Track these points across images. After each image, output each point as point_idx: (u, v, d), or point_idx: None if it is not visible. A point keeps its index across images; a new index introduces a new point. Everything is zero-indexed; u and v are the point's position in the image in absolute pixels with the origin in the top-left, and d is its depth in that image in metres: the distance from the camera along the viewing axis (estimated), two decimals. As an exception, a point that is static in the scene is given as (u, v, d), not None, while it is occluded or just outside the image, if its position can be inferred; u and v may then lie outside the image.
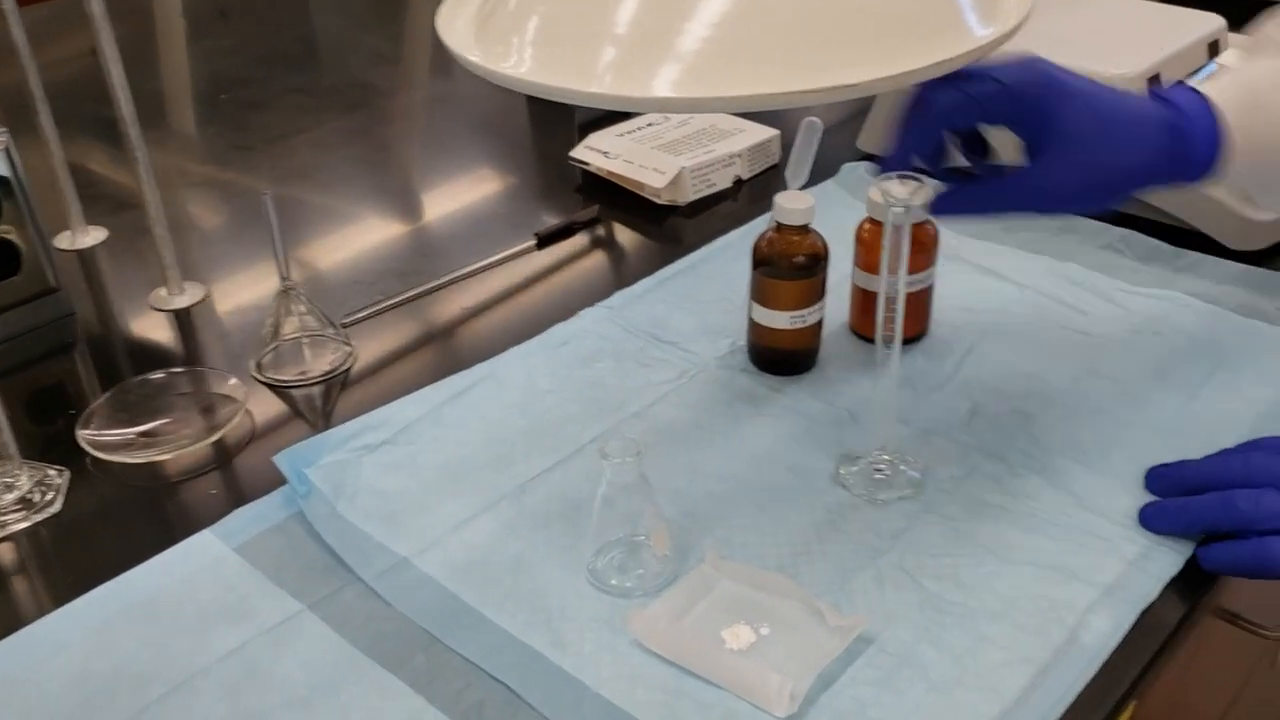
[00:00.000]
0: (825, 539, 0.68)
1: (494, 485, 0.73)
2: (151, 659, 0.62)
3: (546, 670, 0.60)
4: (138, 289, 0.98)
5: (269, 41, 1.60)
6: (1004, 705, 0.57)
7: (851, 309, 0.86)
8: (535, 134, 1.29)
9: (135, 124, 0.89)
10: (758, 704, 0.58)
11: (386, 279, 0.98)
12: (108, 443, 0.78)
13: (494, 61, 0.60)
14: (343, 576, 0.67)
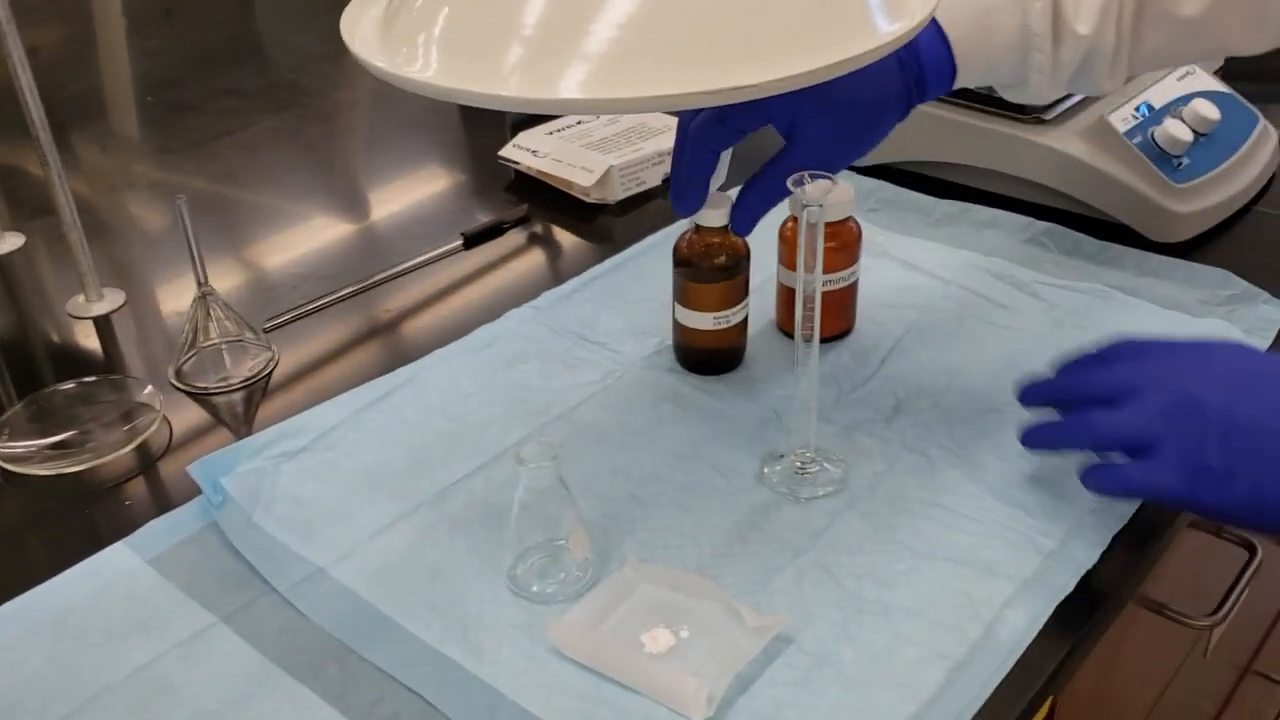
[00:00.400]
0: (747, 539, 0.68)
1: (414, 491, 0.72)
2: (58, 677, 0.61)
3: (462, 680, 0.60)
4: (56, 296, 0.96)
5: (204, 42, 1.58)
6: (920, 703, 0.57)
7: (778, 306, 0.86)
8: (467, 133, 1.28)
9: (46, 128, 0.87)
10: (675, 708, 0.58)
11: (312, 282, 0.97)
12: (20, 454, 0.77)
13: (399, 66, 0.60)
14: (258, 587, 0.66)
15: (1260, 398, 0.62)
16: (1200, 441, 0.62)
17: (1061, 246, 0.94)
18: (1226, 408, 0.62)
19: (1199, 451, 0.62)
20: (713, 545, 0.68)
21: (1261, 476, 0.61)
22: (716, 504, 0.71)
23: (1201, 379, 0.64)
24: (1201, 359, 0.67)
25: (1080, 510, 0.68)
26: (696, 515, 0.70)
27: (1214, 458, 0.61)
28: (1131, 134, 0.94)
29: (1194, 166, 0.94)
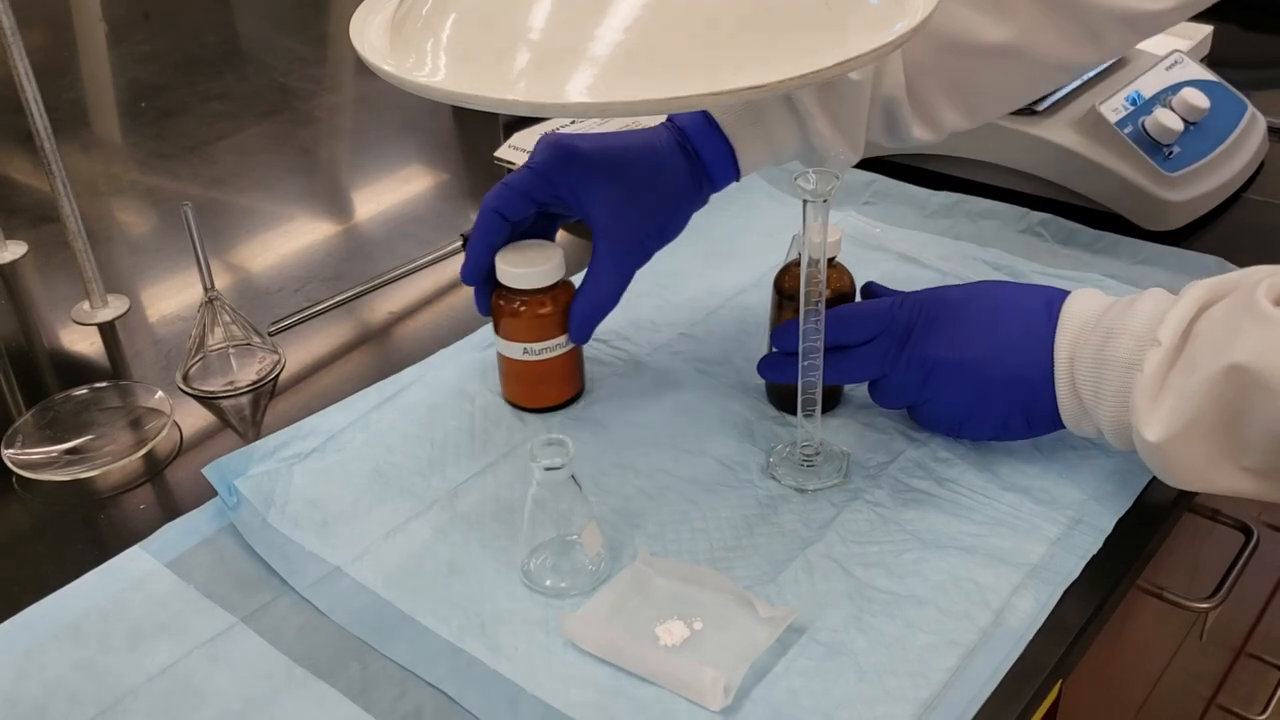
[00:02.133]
0: (756, 531, 0.69)
1: (426, 490, 0.73)
2: (82, 680, 0.62)
3: (482, 674, 0.61)
4: (60, 303, 0.97)
5: (189, 47, 1.58)
6: (933, 689, 0.59)
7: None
8: (460, 134, 1.29)
9: (50, 137, 0.87)
10: (693, 699, 0.59)
11: (313, 284, 0.98)
12: (33, 461, 0.77)
13: (408, 70, 0.60)
14: (276, 588, 0.67)
15: (984, 345, 0.69)
16: (949, 396, 0.71)
17: (1057, 236, 0.95)
18: (961, 362, 0.69)
19: (950, 404, 0.71)
20: (722, 538, 0.69)
21: (1004, 412, 0.69)
22: (724, 497, 0.72)
23: (933, 339, 0.70)
24: (931, 322, 0.71)
25: (1084, 497, 0.69)
26: (705, 509, 0.71)
27: (961, 405, 0.70)
28: (1122, 124, 0.95)
29: (1185, 155, 0.96)
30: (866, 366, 0.72)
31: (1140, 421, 0.62)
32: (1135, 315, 0.64)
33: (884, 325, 0.71)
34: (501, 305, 0.77)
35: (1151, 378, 0.62)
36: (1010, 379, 0.68)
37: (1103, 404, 0.65)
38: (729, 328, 0.87)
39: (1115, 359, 0.64)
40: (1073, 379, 0.66)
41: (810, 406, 0.71)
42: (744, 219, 1.01)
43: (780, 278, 0.76)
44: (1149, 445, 0.62)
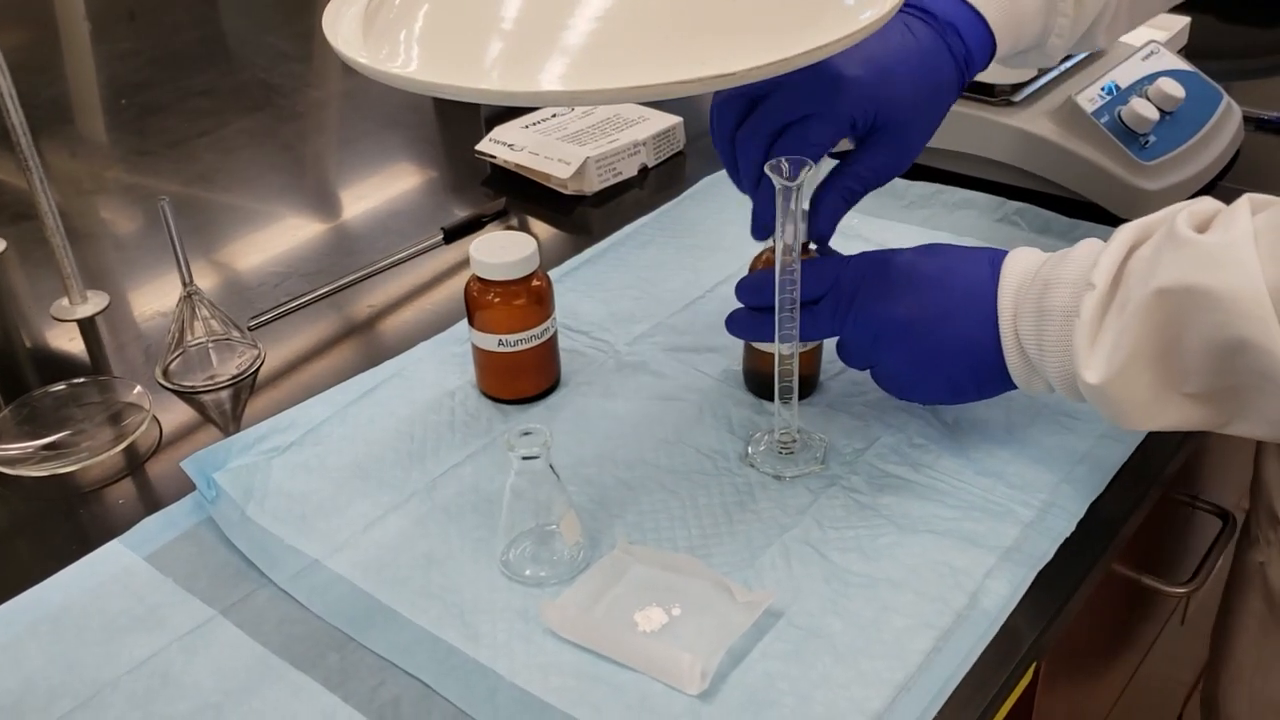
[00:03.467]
0: (734, 518, 0.69)
1: (404, 482, 0.73)
2: (60, 674, 0.62)
3: (461, 663, 0.61)
4: (40, 299, 0.97)
5: (172, 44, 1.58)
6: (909, 671, 0.59)
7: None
8: (442, 128, 1.29)
9: (27, 133, 0.87)
10: (670, 684, 0.59)
11: (294, 279, 0.98)
12: (12, 456, 0.77)
13: (382, 61, 0.61)
14: (255, 580, 0.67)
15: (929, 304, 0.69)
16: (896, 357, 0.71)
17: (1033, 225, 0.96)
18: (909, 322, 0.70)
19: (898, 365, 0.71)
20: (700, 526, 0.69)
21: (953, 372, 0.70)
22: (703, 486, 0.72)
23: (884, 299, 0.70)
24: (878, 279, 0.71)
25: (1057, 480, 0.70)
26: (684, 498, 0.71)
27: (909, 366, 0.71)
28: (1099, 114, 0.95)
29: (1160, 144, 0.96)
30: (817, 325, 0.72)
31: (1081, 365, 0.62)
32: (1069, 264, 0.65)
33: (830, 283, 0.72)
34: (476, 296, 0.77)
35: (1088, 321, 0.62)
36: (956, 337, 0.69)
37: (1047, 356, 0.65)
38: (709, 319, 0.88)
39: (1054, 308, 0.64)
40: (1016, 334, 0.67)
41: (787, 394, 0.72)
42: (725, 211, 1.02)
43: (755, 265, 0.76)
44: (1092, 389, 0.62)
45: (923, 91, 0.74)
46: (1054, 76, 1.02)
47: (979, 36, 0.76)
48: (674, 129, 1.13)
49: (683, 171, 1.12)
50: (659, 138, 1.11)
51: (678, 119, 1.14)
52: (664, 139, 1.12)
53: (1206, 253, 0.58)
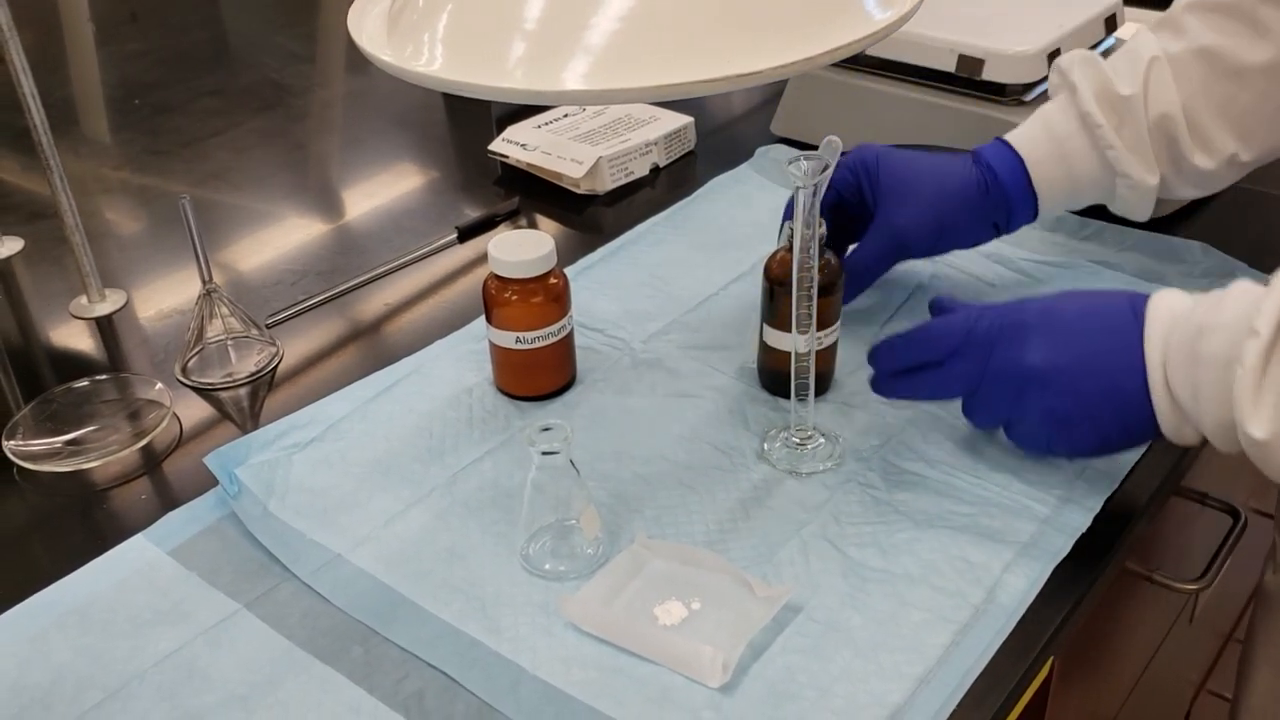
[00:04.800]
0: (751, 514, 0.70)
1: (424, 477, 0.74)
2: (87, 666, 0.63)
3: (483, 656, 0.62)
4: (57, 298, 0.97)
5: (179, 44, 1.59)
6: (927, 664, 0.60)
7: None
8: (453, 128, 1.29)
9: (47, 133, 0.88)
10: (692, 676, 0.60)
11: (309, 278, 0.98)
12: (34, 453, 0.78)
13: (406, 60, 0.61)
14: (278, 574, 0.68)
15: (1074, 354, 0.67)
16: (1041, 409, 0.68)
17: (1044, 223, 0.96)
18: (1054, 373, 0.67)
19: (1044, 418, 0.68)
20: (718, 521, 0.70)
21: (1101, 422, 0.67)
22: (720, 482, 0.73)
23: (1026, 351, 0.68)
24: (1016, 331, 0.69)
25: (1071, 477, 0.71)
26: (701, 493, 0.72)
27: (1055, 418, 0.68)
28: (1108, 113, 0.96)
29: (1170, 144, 0.96)
30: (949, 382, 0.70)
31: (1245, 417, 0.58)
32: (1226, 308, 0.61)
33: (961, 339, 0.69)
34: (494, 294, 0.78)
35: (1252, 370, 0.58)
36: (1102, 386, 0.65)
37: (1204, 406, 0.61)
38: (723, 315, 0.88)
39: (1210, 355, 0.60)
40: (1166, 381, 0.63)
41: (803, 391, 0.72)
42: (736, 209, 1.02)
43: (770, 264, 0.77)
44: (1257, 443, 0.58)
45: (936, 167, 0.82)
46: (1064, 77, 1.02)
47: (1012, 167, 0.82)
48: (685, 129, 1.14)
49: (694, 171, 1.12)
50: (670, 137, 1.12)
51: (689, 119, 1.14)
52: (675, 139, 1.13)
53: None
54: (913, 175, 0.82)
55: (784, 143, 1.12)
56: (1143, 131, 0.80)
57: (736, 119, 1.24)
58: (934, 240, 0.83)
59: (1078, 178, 0.83)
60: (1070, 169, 0.82)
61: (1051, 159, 0.82)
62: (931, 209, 0.81)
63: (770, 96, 1.17)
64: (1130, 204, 0.84)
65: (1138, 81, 0.80)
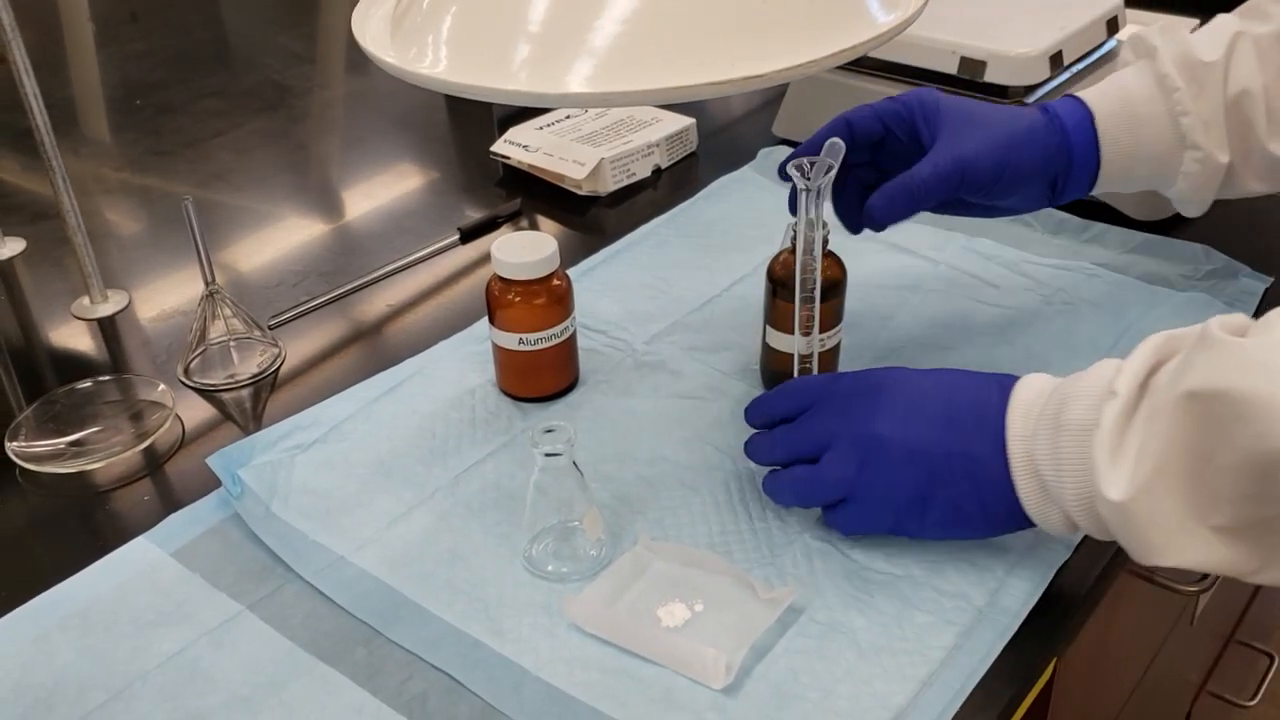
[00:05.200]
0: (754, 516, 0.70)
1: (427, 479, 0.74)
2: (90, 667, 0.63)
3: (487, 657, 0.62)
4: (59, 299, 0.97)
5: (181, 45, 1.59)
6: (930, 667, 0.60)
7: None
8: (454, 129, 1.29)
9: (50, 133, 0.88)
10: (695, 678, 0.60)
11: (311, 279, 0.98)
12: (36, 454, 0.78)
13: (410, 62, 0.61)
14: (281, 576, 0.68)
15: (931, 421, 0.63)
16: (891, 480, 0.63)
17: (1047, 226, 0.96)
18: (905, 441, 0.63)
19: (892, 489, 0.64)
20: (721, 523, 0.70)
21: (956, 497, 0.63)
22: (722, 483, 0.73)
23: (876, 415, 0.64)
24: (872, 392, 0.66)
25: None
26: (704, 495, 0.72)
27: (905, 491, 0.63)
28: (1111, 115, 0.96)
29: (1172, 146, 0.96)
30: (802, 440, 0.67)
31: (1101, 479, 0.56)
32: (1087, 378, 0.59)
33: (815, 397, 0.67)
34: (497, 295, 0.78)
35: (1110, 431, 0.56)
36: (960, 456, 0.62)
37: (1065, 476, 0.58)
38: (725, 317, 0.88)
39: (1072, 423, 0.58)
40: (1031, 455, 0.60)
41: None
42: (739, 211, 1.03)
43: (773, 266, 0.77)
44: (1114, 507, 0.56)
45: (998, 113, 0.76)
46: (1067, 78, 1.02)
47: (1078, 114, 0.78)
48: (687, 130, 1.14)
49: (695, 172, 1.12)
50: (672, 139, 1.12)
51: (691, 120, 1.14)
52: (677, 140, 1.13)
53: (1244, 355, 0.52)
54: (979, 111, 0.77)
55: (785, 144, 1.12)
56: (1219, 105, 0.76)
57: (738, 120, 1.24)
58: (995, 174, 0.75)
59: (1145, 143, 0.78)
60: (1138, 133, 0.77)
61: (1121, 118, 0.77)
62: (996, 142, 0.75)
63: (772, 98, 1.18)
64: (1194, 185, 0.79)
65: (1220, 50, 0.76)
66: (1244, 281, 0.87)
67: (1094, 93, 0.79)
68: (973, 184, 0.75)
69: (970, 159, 0.74)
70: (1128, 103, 0.78)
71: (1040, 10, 1.04)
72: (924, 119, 0.76)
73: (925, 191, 0.74)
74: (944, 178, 0.74)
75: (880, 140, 0.78)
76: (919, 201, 0.74)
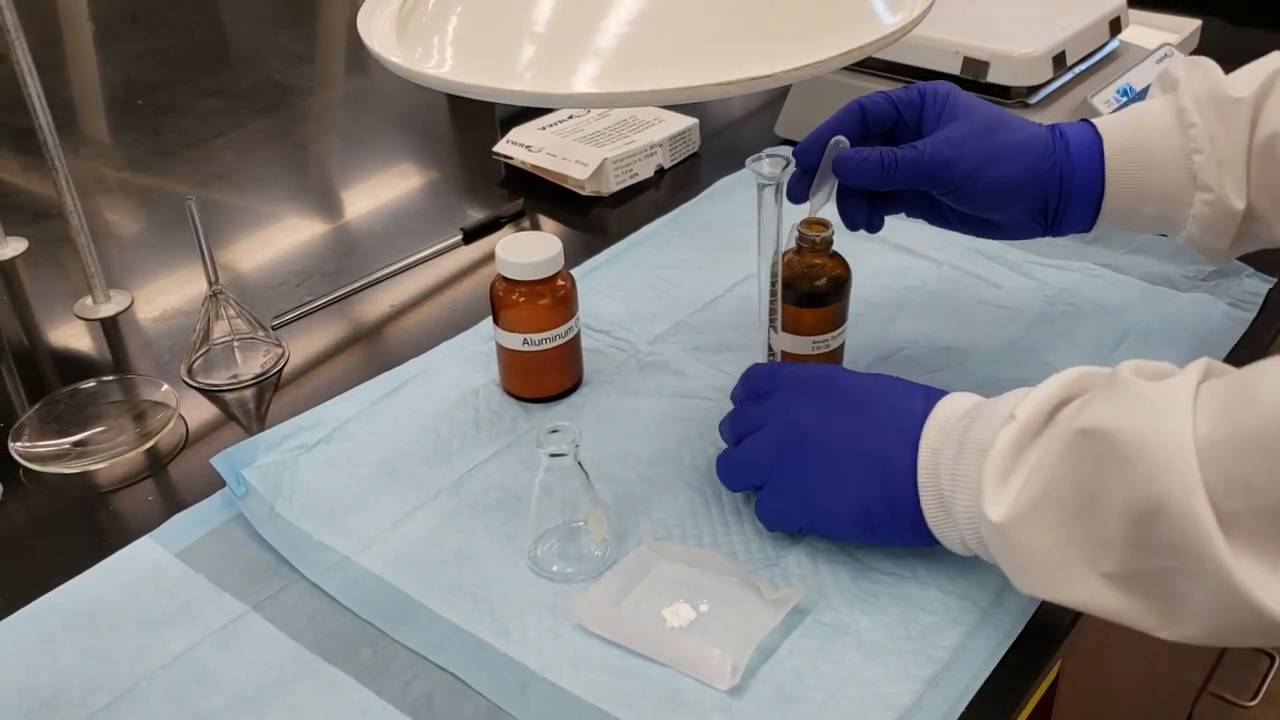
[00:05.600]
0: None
1: (431, 479, 0.74)
2: (96, 668, 0.63)
3: (492, 658, 0.62)
4: (61, 299, 0.97)
5: (182, 45, 1.59)
6: (935, 667, 0.60)
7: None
8: (456, 129, 1.29)
9: (53, 134, 0.88)
10: (700, 679, 0.60)
11: (314, 279, 0.98)
12: (40, 454, 0.78)
13: (416, 63, 0.61)
14: (286, 576, 0.68)
15: (851, 418, 0.64)
16: (802, 467, 0.64)
17: (1049, 226, 0.96)
18: (821, 432, 0.64)
19: (802, 476, 0.64)
20: (725, 523, 0.70)
21: (865, 498, 0.63)
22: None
23: (799, 404, 0.66)
24: (803, 384, 0.67)
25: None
26: (708, 495, 0.72)
27: (816, 481, 0.64)
28: (1113, 116, 0.96)
29: (1174, 146, 0.96)
30: (735, 421, 0.69)
31: (986, 500, 0.56)
32: (1001, 401, 0.59)
33: (762, 384, 0.69)
34: (501, 296, 0.78)
35: (1001, 452, 0.56)
36: (872, 454, 0.62)
37: (958, 491, 0.58)
38: (728, 317, 0.88)
39: (973, 440, 0.58)
40: (935, 468, 0.60)
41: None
42: (742, 211, 1.03)
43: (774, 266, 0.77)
44: (992, 528, 0.55)
45: (1004, 120, 0.73)
46: (1069, 79, 1.02)
47: (1086, 139, 0.74)
48: (690, 130, 1.14)
49: (698, 173, 1.12)
50: (675, 139, 1.12)
51: (693, 120, 1.14)
52: (680, 140, 1.13)
53: (1140, 397, 0.51)
54: (984, 115, 0.73)
55: (788, 144, 1.12)
56: (1242, 146, 0.71)
57: (740, 121, 1.24)
58: (970, 178, 0.71)
59: (1154, 180, 0.73)
60: (1148, 167, 0.73)
61: (1131, 150, 0.73)
62: (982, 146, 0.71)
63: (774, 98, 1.18)
64: (1205, 230, 0.73)
65: (1252, 87, 0.70)
66: (1247, 282, 0.88)
67: (1109, 121, 0.75)
68: (946, 180, 0.72)
69: (949, 155, 0.71)
70: (1141, 135, 0.73)
71: (1043, 11, 1.04)
72: (931, 108, 0.74)
73: (895, 167, 0.71)
74: (916, 163, 0.71)
75: (893, 127, 0.75)
76: (886, 174, 0.71)
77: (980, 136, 0.72)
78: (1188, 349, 0.81)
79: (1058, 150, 0.73)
